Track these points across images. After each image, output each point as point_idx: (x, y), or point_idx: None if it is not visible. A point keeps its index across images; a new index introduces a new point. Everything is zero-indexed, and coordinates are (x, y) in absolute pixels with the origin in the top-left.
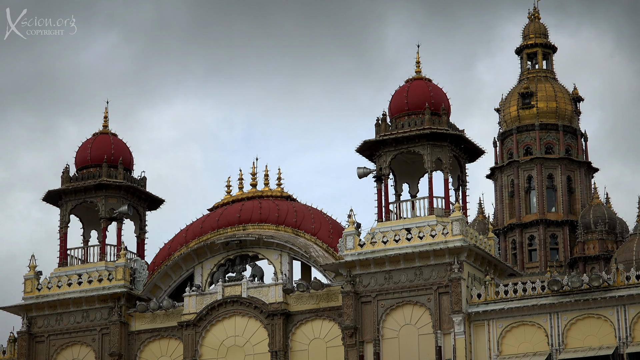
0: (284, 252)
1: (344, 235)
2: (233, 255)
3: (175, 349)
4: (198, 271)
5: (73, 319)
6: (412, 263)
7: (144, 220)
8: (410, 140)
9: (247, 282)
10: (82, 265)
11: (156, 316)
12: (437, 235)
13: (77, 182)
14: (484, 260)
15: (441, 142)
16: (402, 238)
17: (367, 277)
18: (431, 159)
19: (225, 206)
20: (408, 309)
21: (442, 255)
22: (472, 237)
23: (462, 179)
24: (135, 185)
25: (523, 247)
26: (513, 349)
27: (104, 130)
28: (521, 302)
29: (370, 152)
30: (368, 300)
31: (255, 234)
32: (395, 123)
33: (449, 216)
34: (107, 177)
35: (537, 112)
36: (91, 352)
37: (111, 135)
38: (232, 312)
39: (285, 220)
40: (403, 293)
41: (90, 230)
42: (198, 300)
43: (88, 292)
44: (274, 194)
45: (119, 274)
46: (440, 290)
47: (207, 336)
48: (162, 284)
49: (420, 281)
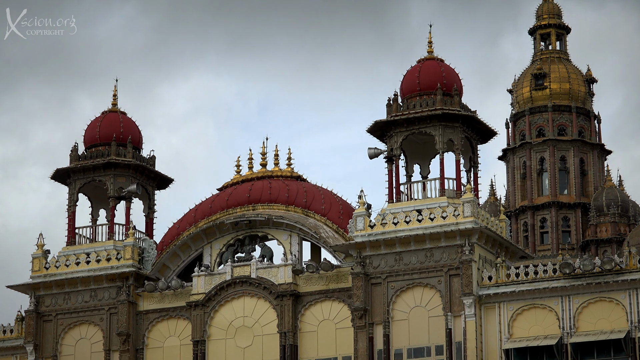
0: (293, 233)
1: (354, 216)
2: (242, 235)
3: (184, 329)
4: (207, 251)
5: (81, 298)
6: (422, 244)
7: (152, 199)
8: (422, 121)
9: (256, 263)
10: (91, 244)
11: (164, 296)
12: (448, 217)
13: (86, 160)
14: (495, 243)
15: (453, 123)
16: (412, 219)
17: (377, 258)
18: (443, 139)
19: (234, 186)
20: (418, 290)
21: (453, 237)
22: (483, 218)
23: (473, 160)
24: (144, 164)
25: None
26: (524, 332)
27: (113, 109)
28: (532, 284)
29: (382, 132)
30: (378, 281)
31: (264, 214)
32: (406, 103)
33: (460, 198)
34: (115, 155)
35: (550, 94)
36: (99, 332)
37: (120, 113)
38: (241, 292)
39: (295, 201)
40: (413, 275)
41: (99, 209)
42: (207, 281)
43: (96, 271)
44: (284, 174)
45: (128, 254)
46: (451, 272)
47: (216, 316)
48: (170, 263)
49: (430, 263)
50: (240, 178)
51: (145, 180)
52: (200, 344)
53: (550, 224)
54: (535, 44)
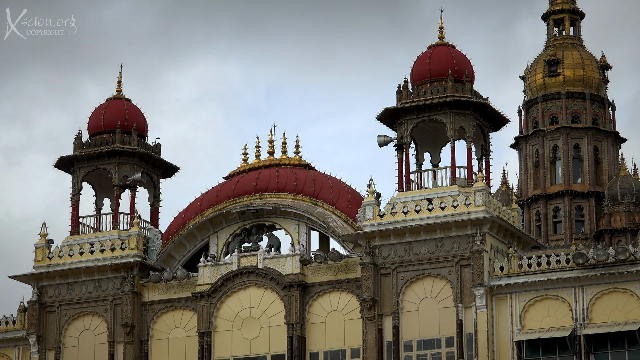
0: (301, 222)
1: (363, 205)
2: (249, 224)
3: (189, 320)
4: (213, 241)
5: (85, 288)
6: (433, 234)
7: (158, 188)
8: (433, 108)
9: (264, 253)
10: (95, 233)
11: (170, 287)
12: (459, 206)
13: (90, 148)
14: (507, 232)
15: (464, 110)
16: (423, 208)
17: (386, 248)
18: (454, 127)
19: (241, 174)
20: (428, 281)
21: (464, 227)
22: (495, 208)
23: (485, 149)
24: (149, 152)
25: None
26: (536, 323)
27: (118, 96)
28: (545, 275)
29: (391, 120)
30: (387, 272)
31: (272, 203)
32: (417, 90)
33: (471, 186)
34: (120, 143)
35: (563, 80)
36: (103, 323)
37: (125, 100)
38: (248, 283)
39: (303, 190)
40: (423, 265)
41: (103, 198)
42: (213, 271)
43: (100, 261)
44: (292, 162)
45: (132, 243)
46: (462, 263)
47: (222, 307)
48: (176, 253)
49: (441, 253)
50: (247, 166)
51: (151, 168)
52: (206, 336)
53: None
54: (549, 30)
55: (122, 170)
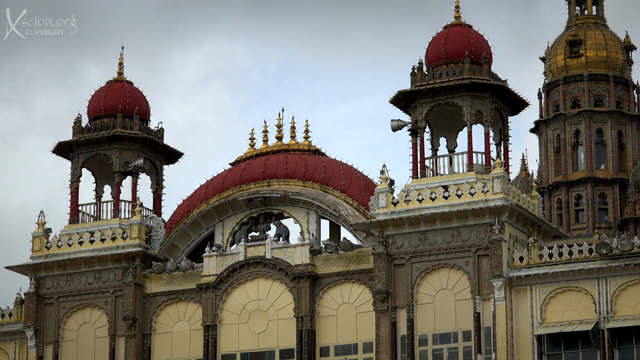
0: (311, 210)
1: (376, 192)
2: (256, 213)
3: (194, 313)
4: (219, 230)
5: (84, 280)
6: (449, 223)
7: (161, 174)
8: (448, 91)
9: (272, 242)
10: (95, 222)
11: (173, 278)
12: (477, 194)
13: (90, 133)
14: (527, 221)
15: (482, 93)
16: (438, 196)
17: (400, 237)
18: (471, 111)
19: (248, 160)
20: (444, 272)
21: (481, 215)
22: (514, 195)
23: (504, 133)
24: (151, 136)
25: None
26: (557, 316)
27: (119, 78)
28: (567, 266)
29: (406, 103)
30: (401, 262)
31: (280, 191)
32: (432, 72)
33: (489, 173)
34: (121, 128)
35: (585, 62)
36: (103, 316)
37: (126, 83)
38: (255, 274)
39: (313, 176)
40: (439, 255)
41: (104, 185)
42: (218, 261)
43: (100, 251)
44: (301, 148)
45: (134, 232)
46: (480, 253)
47: (228, 300)
48: (180, 243)
49: (457, 243)
50: (254, 152)
51: (153, 154)
52: (211, 329)
53: (585, 201)
54: (570, 9)
55: (123, 156)
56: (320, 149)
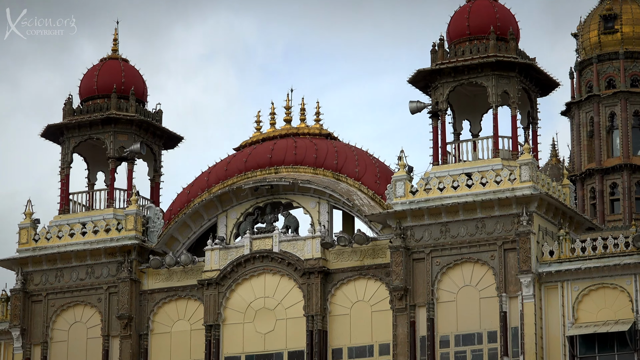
0: (322, 200)
1: (393, 180)
2: (263, 202)
3: (195, 311)
4: (222, 221)
5: (75, 275)
6: (473, 214)
7: (159, 160)
8: (472, 70)
9: (280, 235)
10: (87, 212)
11: (172, 273)
12: (503, 182)
13: (82, 115)
14: (557, 212)
15: (508, 72)
16: (461, 184)
17: (420, 229)
18: (496, 91)
19: (254, 145)
20: (468, 267)
21: (508, 205)
22: (543, 183)
23: (532, 116)
24: (149, 119)
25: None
26: (591, 315)
27: (114, 55)
28: (601, 261)
29: (425, 83)
30: (421, 256)
31: (289, 178)
32: (454, 50)
33: (516, 159)
34: (116, 109)
35: (621, 38)
36: (96, 314)
37: (122, 60)
38: (262, 269)
39: (325, 163)
40: (462, 249)
41: (97, 172)
42: (222, 255)
43: (93, 244)
44: (312, 132)
45: (130, 224)
46: (506, 246)
47: (232, 297)
48: (179, 235)
49: (482, 235)
50: (260, 136)
51: (151, 138)
52: (213, 329)
53: (621, 190)
54: None
55: (118, 140)
56: (332, 133)
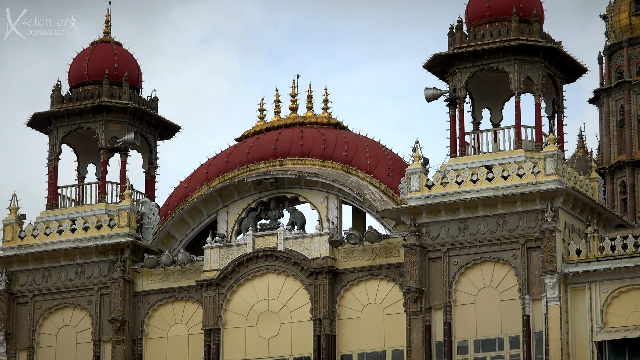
0: (331, 194)
1: (407, 173)
2: (267, 197)
3: (193, 314)
4: (222, 217)
5: (64, 275)
6: (493, 209)
7: (154, 151)
8: (493, 54)
9: (285, 232)
10: (77, 207)
11: (169, 273)
12: (526, 175)
13: (71, 103)
14: (585, 207)
15: (532, 57)
16: (481, 178)
17: (436, 226)
18: (519, 78)
19: (257, 135)
20: (488, 267)
21: (531, 200)
22: (570, 177)
23: (558, 104)
24: (143, 107)
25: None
26: (621, 319)
27: (106, 38)
28: (632, 260)
29: (442, 68)
30: (437, 256)
31: (294, 171)
32: (473, 32)
33: (540, 151)
34: (108, 97)
35: None
36: (87, 317)
37: (114, 44)
38: (265, 269)
39: (334, 154)
40: (482, 247)
41: (87, 164)
42: (222, 254)
43: (83, 241)
44: (319, 121)
45: (123, 220)
46: (529, 245)
47: (233, 299)
48: (177, 232)
49: (503, 232)
50: (264, 125)
51: (146, 127)
52: (213, 334)
53: None
54: None
55: (110, 129)
56: (341, 122)
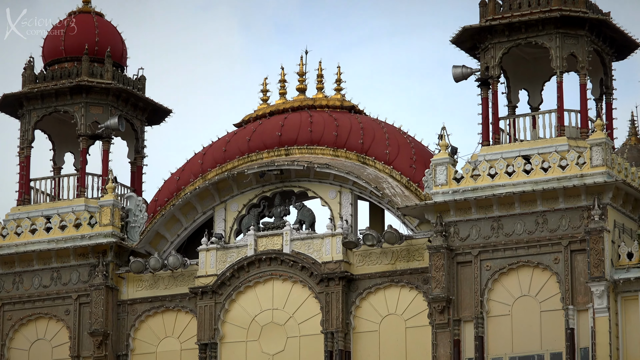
0: (344, 188)
1: (432, 164)
2: (271, 191)
3: (186, 327)
4: (220, 214)
5: (38, 281)
6: (532, 206)
7: (141, 139)
8: (531, 27)
9: (292, 232)
10: (52, 203)
11: (158, 279)
12: (570, 166)
13: (45, 82)
14: (637, 204)
15: (576, 30)
16: (517, 170)
17: (465, 225)
18: (561, 54)
19: (259, 120)
20: (525, 273)
21: (576, 196)
22: (620, 169)
23: (606, 85)
24: (129, 87)
25: None
26: None
27: (85, 8)
28: None
29: (473, 44)
30: (467, 259)
31: (303, 161)
32: (508, 2)
33: (586, 138)
34: (88, 75)
35: None
36: (64, 330)
37: (95, 14)
38: (269, 274)
39: (348, 142)
40: (518, 250)
41: (64, 153)
42: (219, 257)
43: (60, 242)
44: (331, 103)
45: (105, 217)
46: (573, 247)
47: (232, 309)
48: (167, 232)
49: (543, 233)
50: (268, 109)
51: (131, 111)
52: (209, 349)
53: None
54: None
55: (90, 113)
56: (356, 105)
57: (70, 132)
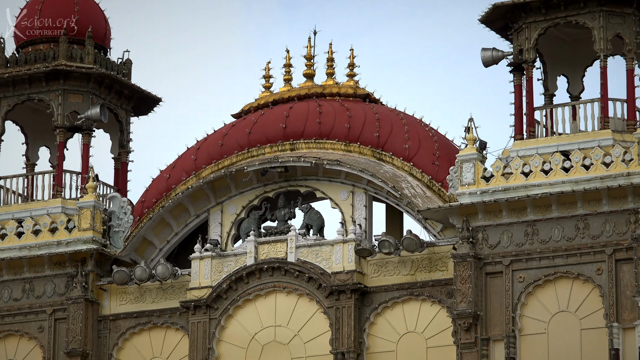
0: (357, 188)
1: (458, 161)
2: (274, 191)
3: (176, 346)
4: (215, 217)
5: (7, 294)
6: (571, 209)
7: (127, 131)
8: (571, 5)
9: (297, 237)
10: (24, 204)
11: (145, 291)
12: (615, 164)
13: (18, 66)
14: None
15: (622, 8)
16: (555, 167)
17: (495, 231)
18: (605, 35)
19: (261, 110)
20: (564, 285)
21: (622, 197)
22: None
23: None
24: (112, 73)
25: None
26: None
27: None
28: None
29: (505, 23)
30: (498, 270)
31: (310, 158)
32: None
33: (634, 132)
34: (66, 59)
35: None
36: (37, 349)
37: None
38: (271, 286)
39: (362, 135)
40: (556, 259)
41: (39, 147)
42: (215, 266)
43: (33, 249)
44: (343, 91)
45: (85, 221)
46: (619, 256)
47: (229, 326)
48: (155, 238)
49: (584, 240)
50: (271, 97)
51: (116, 99)
52: None
53: None
54: None
55: (68, 102)
56: (372, 94)
57: (46, 124)
